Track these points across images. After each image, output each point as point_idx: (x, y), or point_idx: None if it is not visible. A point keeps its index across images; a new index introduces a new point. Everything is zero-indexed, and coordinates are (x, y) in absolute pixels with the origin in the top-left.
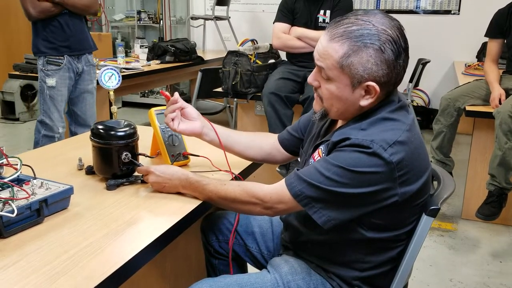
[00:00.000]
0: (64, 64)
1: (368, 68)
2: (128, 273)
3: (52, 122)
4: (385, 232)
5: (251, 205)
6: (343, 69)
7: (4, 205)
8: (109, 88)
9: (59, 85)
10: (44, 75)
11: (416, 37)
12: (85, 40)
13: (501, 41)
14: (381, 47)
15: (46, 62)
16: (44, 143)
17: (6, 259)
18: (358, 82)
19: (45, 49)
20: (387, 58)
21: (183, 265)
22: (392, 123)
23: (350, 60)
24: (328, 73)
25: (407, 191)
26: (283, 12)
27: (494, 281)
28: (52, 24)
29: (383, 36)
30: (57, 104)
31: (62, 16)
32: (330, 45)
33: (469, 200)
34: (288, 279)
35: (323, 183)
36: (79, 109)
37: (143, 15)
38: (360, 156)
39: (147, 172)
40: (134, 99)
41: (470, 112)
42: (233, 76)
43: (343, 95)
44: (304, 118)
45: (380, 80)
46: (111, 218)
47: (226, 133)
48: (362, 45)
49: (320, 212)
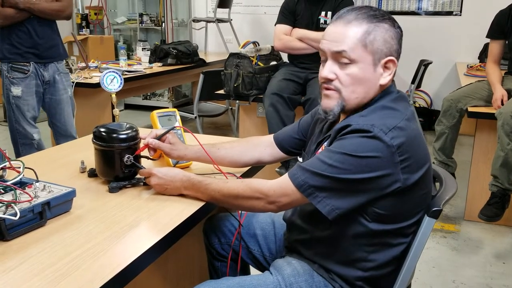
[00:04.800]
0: (31, 72)
1: (387, 42)
2: (131, 276)
3: (24, 130)
4: (388, 224)
5: (254, 200)
6: (366, 46)
7: (7, 208)
8: (111, 91)
9: (25, 95)
10: (9, 82)
11: (418, 39)
12: (54, 48)
13: (502, 42)
14: (393, 23)
15: (11, 68)
16: (25, 153)
17: (9, 261)
18: (378, 59)
19: (9, 55)
20: (397, 34)
21: (185, 267)
22: (392, 111)
23: (372, 36)
24: (350, 55)
25: (409, 178)
26: (284, 14)
27: (497, 282)
28: (19, 29)
29: (387, 15)
30: (25, 113)
31: (30, 22)
32: (347, 28)
33: (472, 201)
34: (291, 281)
35: (326, 170)
36: (58, 121)
37: (145, 17)
38: (361, 141)
39: (149, 175)
40: (136, 101)
41: (472, 113)
42: (235, 78)
43: (365, 75)
44: (304, 120)
45: (395, 54)
46: (114, 220)
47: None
48: (378, 22)
49: (325, 202)
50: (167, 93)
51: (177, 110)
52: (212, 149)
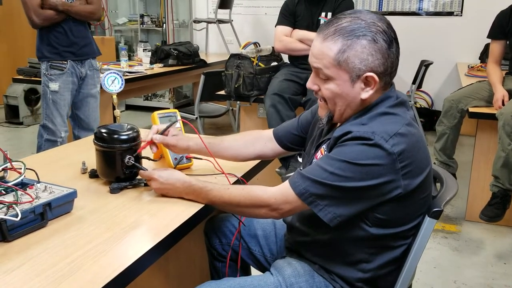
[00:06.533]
0: (68, 69)
1: (364, 59)
2: (132, 276)
3: (54, 127)
4: (388, 229)
5: (256, 208)
6: (341, 65)
7: (8, 209)
8: (112, 92)
9: (62, 90)
10: (47, 79)
11: (418, 39)
12: (88, 45)
13: (503, 42)
14: (373, 37)
15: (49, 66)
16: (46, 148)
17: (10, 262)
18: (356, 76)
19: (48, 54)
20: (381, 48)
21: (186, 268)
22: (391, 117)
23: (346, 55)
24: (326, 72)
25: (410, 183)
26: (284, 15)
27: (498, 282)
28: (56, 30)
29: (373, 27)
30: (59, 109)
31: (66, 23)
32: (323, 45)
33: (473, 202)
34: (291, 282)
35: (327, 179)
36: (82, 113)
37: (146, 18)
38: (362, 149)
39: (150, 178)
40: (137, 102)
41: (473, 113)
42: (236, 79)
43: (343, 91)
44: (304, 117)
45: (377, 70)
46: (115, 221)
47: (212, 141)
48: (355, 39)
49: (326, 210)
50: (168, 94)
51: (178, 111)
52: (215, 141)
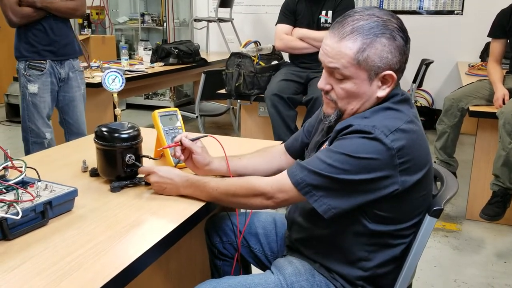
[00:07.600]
0: (47, 69)
1: (384, 58)
2: (133, 275)
3: (38, 129)
4: (387, 225)
5: (252, 197)
6: (360, 64)
7: (9, 208)
8: (112, 91)
9: (41, 92)
10: (25, 80)
11: (419, 38)
12: (70, 45)
13: (504, 41)
14: (392, 35)
15: (28, 66)
16: (35, 150)
17: (11, 261)
18: (375, 74)
19: (27, 53)
20: (399, 45)
21: (187, 266)
22: (394, 113)
23: (366, 53)
24: (344, 72)
25: (407, 180)
26: (285, 14)
27: (498, 281)
28: (36, 28)
29: (390, 25)
30: (40, 111)
31: (46, 20)
32: (341, 44)
33: (473, 201)
34: (292, 280)
35: (325, 170)
36: (70, 118)
37: (147, 17)
38: (362, 142)
39: (149, 172)
40: (137, 101)
41: (474, 112)
42: (236, 77)
43: (360, 90)
44: (309, 123)
45: (395, 67)
46: (115, 220)
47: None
48: (374, 37)
49: (321, 201)
50: (168, 93)
51: (178, 110)
52: (233, 159)
